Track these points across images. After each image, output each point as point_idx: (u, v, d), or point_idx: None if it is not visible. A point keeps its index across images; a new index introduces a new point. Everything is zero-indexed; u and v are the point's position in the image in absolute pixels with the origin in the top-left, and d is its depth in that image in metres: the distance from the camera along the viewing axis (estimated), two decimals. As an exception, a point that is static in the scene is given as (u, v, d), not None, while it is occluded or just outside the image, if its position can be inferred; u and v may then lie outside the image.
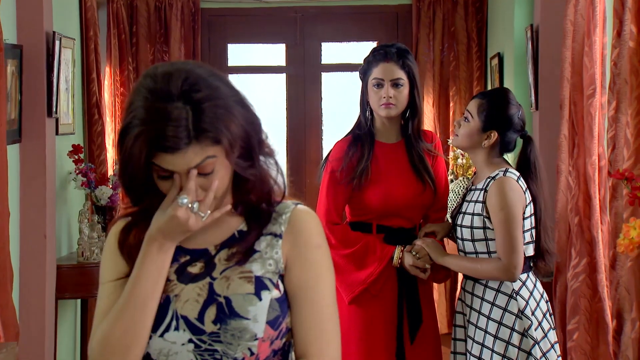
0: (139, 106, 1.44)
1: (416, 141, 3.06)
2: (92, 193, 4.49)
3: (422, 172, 3.03)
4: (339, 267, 2.94)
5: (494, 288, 2.79)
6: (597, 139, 3.28)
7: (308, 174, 5.62)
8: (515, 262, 2.73)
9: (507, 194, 2.74)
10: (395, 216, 3.00)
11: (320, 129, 5.64)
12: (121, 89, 5.26)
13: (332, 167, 3.02)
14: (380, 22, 5.64)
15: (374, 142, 3.05)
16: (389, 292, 2.99)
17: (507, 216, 2.73)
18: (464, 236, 2.85)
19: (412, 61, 3.03)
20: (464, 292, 2.91)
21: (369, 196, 2.98)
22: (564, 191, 3.54)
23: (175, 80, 1.44)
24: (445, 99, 5.51)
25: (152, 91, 1.44)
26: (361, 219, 3.04)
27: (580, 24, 3.40)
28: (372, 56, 3.05)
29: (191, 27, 5.41)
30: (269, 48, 5.72)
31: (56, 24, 4.14)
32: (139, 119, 1.42)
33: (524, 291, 2.79)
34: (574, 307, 3.36)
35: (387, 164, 3.03)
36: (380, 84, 2.98)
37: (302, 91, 5.66)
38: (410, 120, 3.06)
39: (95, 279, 4.25)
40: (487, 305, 2.79)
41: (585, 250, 3.35)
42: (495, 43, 5.18)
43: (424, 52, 5.46)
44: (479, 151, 2.88)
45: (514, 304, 2.76)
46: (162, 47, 5.40)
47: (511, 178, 2.78)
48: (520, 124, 2.87)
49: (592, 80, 3.26)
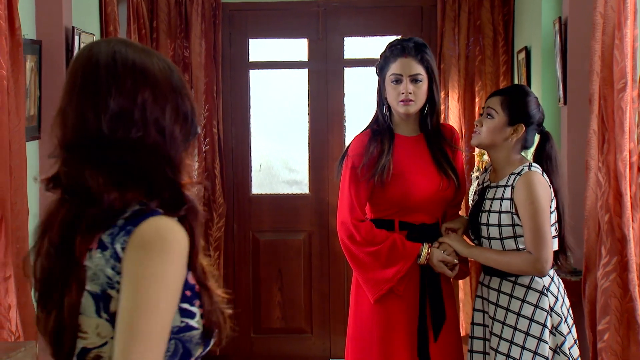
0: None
1: (436, 136, 3.06)
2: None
3: (445, 167, 3.03)
4: (365, 265, 2.96)
5: (524, 285, 2.80)
6: (628, 135, 3.26)
7: (330, 170, 5.60)
8: (545, 256, 2.75)
9: (535, 187, 2.76)
10: (417, 212, 3.00)
11: (343, 126, 5.64)
12: (141, 86, 5.25)
13: (353, 162, 3.01)
14: (404, 15, 5.63)
15: (394, 136, 3.03)
16: (411, 290, 3.00)
17: (537, 210, 2.74)
18: (491, 235, 2.85)
19: (430, 55, 3.02)
20: (486, 289, 2.92)
21: (391, 191, 2.98)
22: (594, 188, 3.52)
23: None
24: (470, 95, 5.48)
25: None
26: (383, 215, 3.03)
27: (611, 16, 3.37)
28: (389, 51, 3.03)
29: (212, 22, 5.42)
30: (290, 43, 5.71)
31: (75, 19, 4.16)
32: None
33: (553, 287, 2.82)
34: (604, 307, 3.35)
35: (408, 158, 3.02)
36: (399, 79, 2.97)
37: (325, 87, 5.66)
38: (429, 116, 3.05)
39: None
40: (517, 302, 2.80)
41: (616, 248, 3.33)
42: (523, 36, 5.15)
43: (449, 47, 5.44)
44: (502, 148, 2.89)
45: (545, 300, 2.78)
46: (183, 43, 5.42)
47: (537, 172, 2.81)
48: (541, 118, 2.91)
49: (622, 74, 3.25)
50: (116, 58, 1.44)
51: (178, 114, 1.47)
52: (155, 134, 1.44)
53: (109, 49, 1.46)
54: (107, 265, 1.40)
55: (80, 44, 4.16)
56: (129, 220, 1.41)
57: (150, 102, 1.44)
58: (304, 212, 5.57)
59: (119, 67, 1.44)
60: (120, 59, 1.44)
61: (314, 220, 5.61)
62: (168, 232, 1.39)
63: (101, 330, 1.41)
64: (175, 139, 1.46)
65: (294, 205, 5.61)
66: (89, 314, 1.42)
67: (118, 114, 1.42)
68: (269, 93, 5.58)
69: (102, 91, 1.42)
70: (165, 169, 1.45)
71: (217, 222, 5.45)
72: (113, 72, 1.43)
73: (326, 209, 5.58)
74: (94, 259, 1.41)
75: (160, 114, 1.45)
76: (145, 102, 1.43)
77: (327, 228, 5.57)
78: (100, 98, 1.42)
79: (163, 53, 5.34)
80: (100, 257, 1.41)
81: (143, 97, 1.43)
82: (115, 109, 1.41)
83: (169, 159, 1.45)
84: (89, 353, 1.43)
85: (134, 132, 1.42)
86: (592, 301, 3.50)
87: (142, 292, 1.34)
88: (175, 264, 1.37)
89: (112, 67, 1.43)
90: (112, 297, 1.40)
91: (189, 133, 1.50)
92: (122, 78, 1.43)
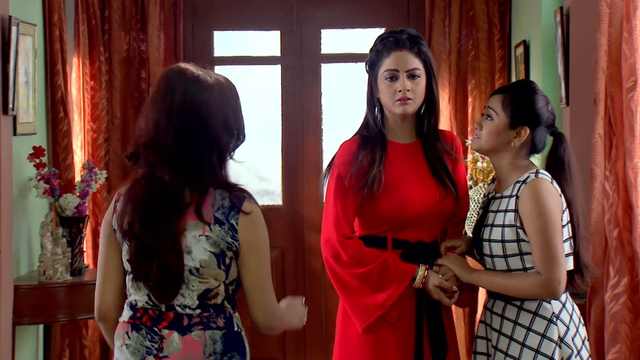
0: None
1: (434, 141, 3.04)
2: (56, 202, 4.48)
3: (443, 176, 3.01)
4: (352, 289, 2.94)
5: (530, 310, 2.76)
6: (638, 139, 3.26)
7: (306, 179, 5.60)
8: (558, 276, 2.70)
9: (543, 197, 2.72)
10: (413, 228, 2.97)
11: (320, 128, 5.61)
12: (91, 83, 5.22)
13: (340, 172, 2.98)
14: (388, 5, 5.61)
15: (386, 143, 3.00)
16: (405, 318, 2.96)
17: (546, 223, 2.70)
18: (494, 252, 2.81)
19: (427, 48, 3.02)
20: (490, 314, 2.88)
21: (382, 205, 2.95)
22: (600, 199, 3.52)
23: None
24: (463, 94, 5.47)
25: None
26: (374, 232, 3.00)
27: (618, 5, 3.37)
28: (380, 45, 3.01)
29: (172, 12, 5.38)
30: (261, 36, 5.70)
31: (13, 6, 4.12)
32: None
33: (564, 315, 2.77)
34: (614, 333, 3.34)
35: (402, 168, 3.00)
36: (395, 75, 2.95)
37: (300, 85, 5.64)
38: (427, 117, 3.03)
39: (59, 301, 4.20)
40: (522, 330, 2.76)
41: (626, 267, 3.33)
42: (521, 29, 5.15)
43: (438, 41, 5.42)
44: (505, 153, 2.86)
45: (554, 329, 2.73)
46: (139, 35, 5.36)
47: (545, 180, 2.77)
48: (551, 118, 2.87)
49: (632, 71, 3.25)
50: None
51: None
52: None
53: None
54: (227, 235, 2.34)
55: (18, 35, 4.09)
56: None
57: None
58: (277, 226, 5.51)
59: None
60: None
61: (288, 236, 5.57)
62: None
63: (219, 277, 2.36)
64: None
65: (265, 218, 5.50)
66: (212, 267, 2.34)
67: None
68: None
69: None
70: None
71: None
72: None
73: (301, 222, 5.55)
74: (213, 232, 2.33)
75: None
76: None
77: (302, 244, 5.53)
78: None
79: (116, 47, 5.31)
80: (219, 230, 2.33)
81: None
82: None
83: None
84: (210, 292, 2.36)
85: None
86: (599, 327, 3.48)
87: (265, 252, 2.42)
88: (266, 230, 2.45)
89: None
90: (226, 255, 2.36)
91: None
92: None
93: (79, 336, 4.94)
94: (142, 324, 2.37)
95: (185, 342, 2.35)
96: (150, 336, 2.37)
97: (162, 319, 2.37)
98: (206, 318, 2.37)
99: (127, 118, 5.36)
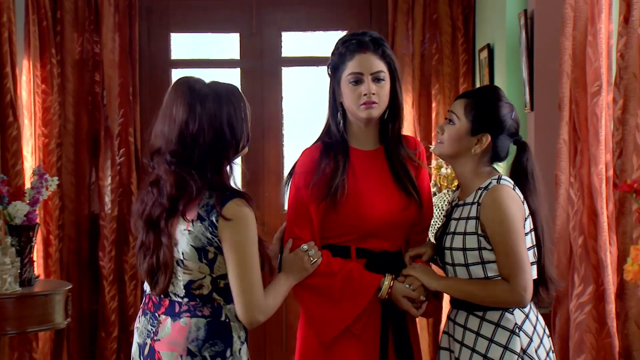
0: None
1: (397, 147, 3.03)
2: (4, 210, 4.41)
3: (406, 184, 2.99)
4: (315, 300, 2.92)
5: (492, 321, 2.76)
6: (603, 145, 3.27)
7: (267, 186, 5.57)
8: (523, 283, 2.70)
9: (505, 203, 2.72)
10: (376, 237, 2.96)
11: (281, 134, 5.60)
12: (42, 86, 5.17)
13: (301, 181, 2.96)
14: (350, 8, 5.61)
15: (349, 150, 3.00)
16: (370, 329, 2.94)
17: (508, 230, 2.70)
18: (456, 261, 2.81)
19: (390, 51, 3.01)
20: (452, 325, 2.86)
21: (344, 214, 2.93)
22: (565, 206, 3.53)
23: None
24: (426, 99, 5.48)
25: None
26: (337, 241, 2.97)
27: (583, 8, 3.39)
28: (343, 47, 2.99)
29: (127, 14, 5.35)
30: (220, 38, 5.69)
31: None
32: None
33: (527, 326, 2.76)
34: (579, 344, 3.34)
35: (365, 176, 2.98)
36: (359, 79, 2.93)
37: (260, 89, 5.62)
38: (391, 121, 3.02)
39: (8, 313, 4.14)
40: (484, 342, 2.75)
41: (591, 276, 3.33)
42: (485, 33, 5.17)
43: (401, 44, 5.44)
44: (466, 160, 2.85)
45: (516, 341, 2.72)
46: (93, 37, 5.33)
47: (507, 186, 2.77)
48: (514, 126, 2.85)
49: (597, 75, 3.26)
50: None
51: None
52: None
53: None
54: (206, 231, 2.56)
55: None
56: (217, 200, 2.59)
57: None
58: (236, 234, 5.46)
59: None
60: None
61: (248, 244, 5.51)
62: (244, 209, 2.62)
63: (202, 270, 2.59)
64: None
65: (223, 226, 5.51)
66: (194, 260, 2.58)
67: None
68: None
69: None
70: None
71: (134, 247, 5.26)
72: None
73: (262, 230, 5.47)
74: (194, 227, 2.57)
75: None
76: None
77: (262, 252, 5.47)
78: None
79: (69, 49, 5.26)
80: (200, 226, 2.56)
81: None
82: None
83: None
84: (194, 283, 2.60)
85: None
86: (564, 337, 3.49)
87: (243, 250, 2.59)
88: (253, 228, 2.61)
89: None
90: (209, 251, 2.58)
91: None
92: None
93: (28, 349, 4.88)
94: (148, 309, 2.70)
95: (174, 328, 2.62)
96: (152, 320, 2.67)
97: (161, 305, 2.66)
98: (193, 307, 2.62)
99: (80, 122, 5.31)
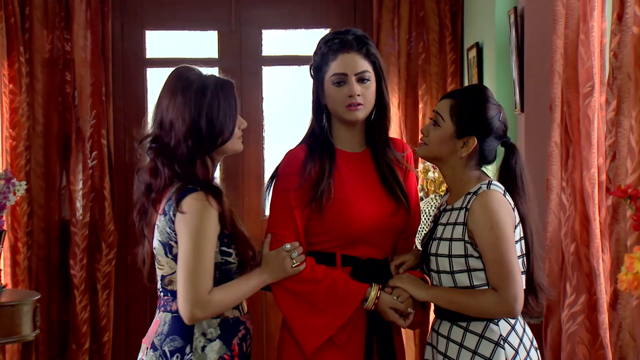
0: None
1: (384, 149, 3.03)
2: (-31, 216, 4.34)
3: (395, 188, 3.00)
4: (298, 309, 2.91)
5: (476, 333, 2.75)
6: (596, 148, 3.28)
7: (246, 190, 5.58)
8: (514, 293, 2.70)
9: (495, 210, 2.72)
10: (363, 244, 2.95)
11: (262, 135, 5.61)
12: (10, 86, 5.15)
13: (285, 184, 2.94)
14: (333, 5, 5.63)
15: (335, 152, 2.99)
16: (355, 340, 2.93)
17: (499, 237, 2.69)
18: (441, 268, 2.80)
19: (375, 49, 3.00)
20: (436, 336, 2.86)
21: (329, 219, 2.92)
22: (556, 212, 3.53)
23: None
24: (413, 99, 5.49)
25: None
26: (322, 248, 2.96)
27: (575, 6, 3.39)
28: (325, 47, 2.99)
29: (99, 10, 5.34)
30: (197, 36, 5.70)
31: None
32: None
33: (513, 338, 2.75)
34: (571, 355, 3.34)
35: (352, 179, 2.98)
36: (343, 80, 2.93)
37: (239, 89, 5.40)
38: (378, 123, 3.02)
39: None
40: (467, 354, 2.75)
41: (584, 285, 3.34)
42: (473, 31, 5.18)
43: (387, 42, 5.45)
44: (452, 163, 2.85)
45: (500, 353, 2.71)
46: (63, 34, 5.31)
47: (497, 191, 2.76)
48: (502, 128, 2.85)
49: (589, 76, 3.26)
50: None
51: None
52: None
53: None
54: (167, 225, 2.65)
55: None
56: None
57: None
58: (214, 240, 5.45)
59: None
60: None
61: (226, 251, 5.51)
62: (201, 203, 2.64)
63: (170, 265, 2.69)
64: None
65: (201, 232, 5.50)
66: (161, 254, 2.70)
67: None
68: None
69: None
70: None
71: (107, 254, 5.36)
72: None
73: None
74: (160, 221, 2.67)
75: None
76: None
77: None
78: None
79: (38, 47, 5.25)
80: (163, 220, 2.66)
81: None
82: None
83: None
84: (165, 278, 2.72)
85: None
86: (556, 348, 3.49)
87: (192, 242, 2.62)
88: (206, 222, 2.62)
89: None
90: (173, 246, 2.66)
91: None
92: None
93: (-5, 362, 4.83)
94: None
95: (154, 321, 2.76)
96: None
97: (158, 297, 2.81)
98: (166, 301, 2.74)
99: (50, 124, 5.27)
